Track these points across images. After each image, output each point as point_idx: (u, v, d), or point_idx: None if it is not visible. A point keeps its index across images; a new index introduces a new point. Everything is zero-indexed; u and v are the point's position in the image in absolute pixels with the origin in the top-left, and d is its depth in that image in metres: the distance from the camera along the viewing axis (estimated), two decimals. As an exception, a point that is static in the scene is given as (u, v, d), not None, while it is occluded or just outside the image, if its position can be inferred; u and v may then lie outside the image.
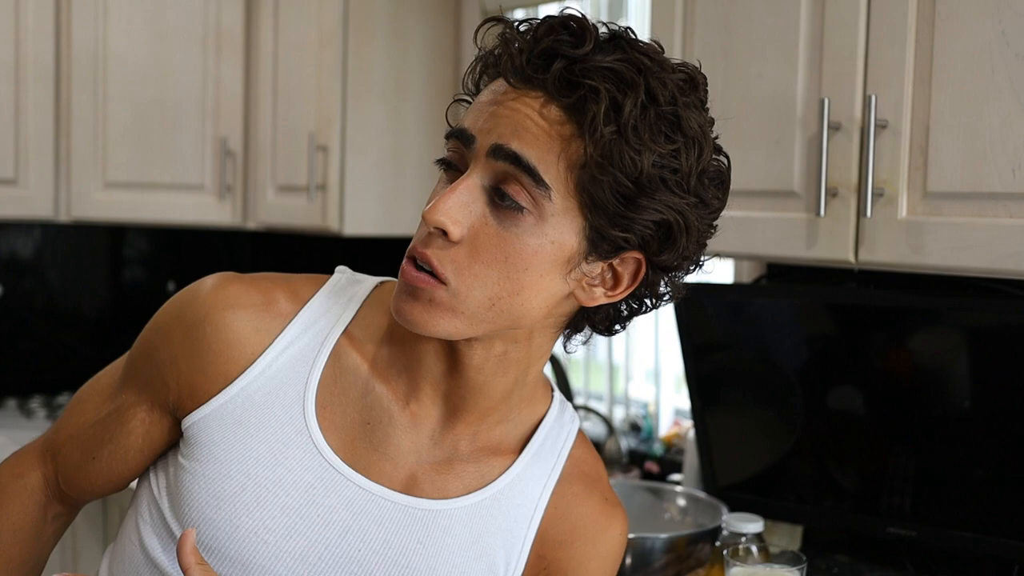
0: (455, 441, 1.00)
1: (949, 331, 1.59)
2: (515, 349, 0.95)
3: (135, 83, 2.75)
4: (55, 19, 2.74)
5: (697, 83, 0.93)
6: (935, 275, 1.39)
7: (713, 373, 1.83)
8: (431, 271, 0.88)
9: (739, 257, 1.81)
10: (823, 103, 1.42)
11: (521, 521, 1.03)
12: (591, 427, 2.41)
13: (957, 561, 1.68)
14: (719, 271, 2.12)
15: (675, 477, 2.08)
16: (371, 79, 2.50)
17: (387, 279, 1.05)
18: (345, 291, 1.02)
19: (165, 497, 1.00)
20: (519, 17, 2.16)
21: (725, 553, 1.42)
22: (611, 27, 0.90)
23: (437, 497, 0.99)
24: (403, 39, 2.54)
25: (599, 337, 1.05)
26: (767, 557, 1.49)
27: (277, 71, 2.66)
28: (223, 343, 0.97)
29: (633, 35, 0.90)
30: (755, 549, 1.48)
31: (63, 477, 1.08)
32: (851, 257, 1.43)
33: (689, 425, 1.99)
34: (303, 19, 2.58)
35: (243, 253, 3.44)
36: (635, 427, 2.36)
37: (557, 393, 1.09)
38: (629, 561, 1.63)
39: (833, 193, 1.43)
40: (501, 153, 0.86)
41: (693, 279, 1.04)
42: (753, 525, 1.49)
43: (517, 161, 0.86)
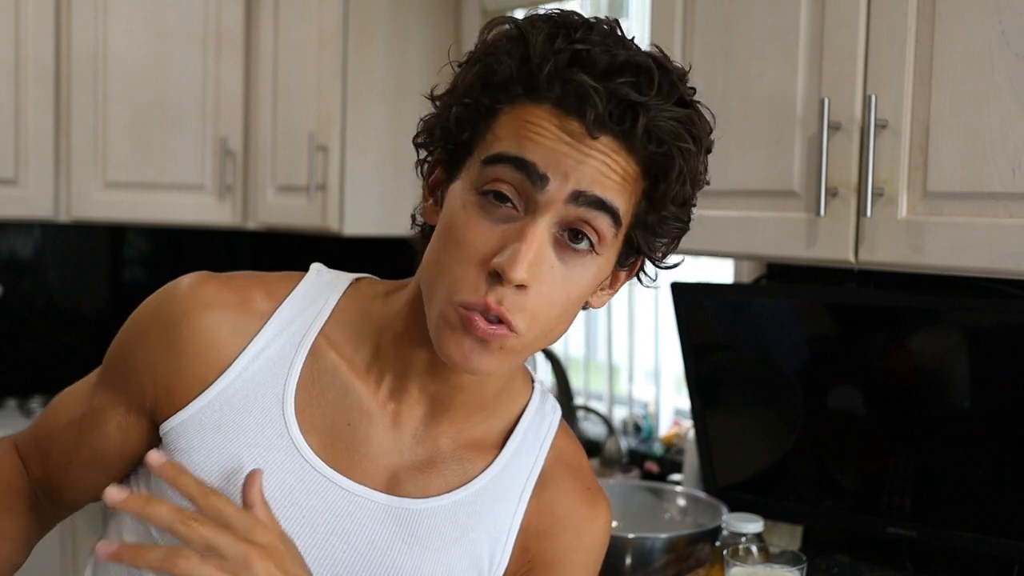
0: (437, 439, 1.00)
1: (949, 331, 1.59)
2: None
3: (135, 83, 2.75)
4: (55, 19, 2.74)
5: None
6: (935, 275, 1.39)
7: (713, 373, 1.83)
8: (500, 319, 0.86)
9: (739, 257, 1.81)
10: (823, 103, 1.42)
11: (505, 515, 1.03)
12: (591, 427, 2.41)
13: (957, 561, 1.68)
14: (719, 271, 2.12)
15: (675, 477, 2.08)
16: (371, 79, 2.50)
17: (362, 276, 1.04)
18: (321, 289, 1.01)
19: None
20: (518, 17, 2.16)
21: (725, 553, 1.42)
22: (652, 53, 0.89)
23: (420, 496, 0.99)
24: (403, 39, 2.54)
25: (599, 337, 1.05)
26: (767, 557, 1.49)
27: (277, 71, 2.66)
28: (200, 344, 0.96)
29: (661, 52, 0.90)
30: (755, 549, 1.48)
31: (46, 481, 1.07)
32: (851, 257, 1.43)
33: (689, 425, 1.99)
34: (303, 19, 2.58)
35: (243, 253, 3.44)
36: (635, 427, 2.36)
37: (538, 383, 1.09)
38: (629, 561, 1.63)
39: (833, 193, 1.43)
40: (584, 199, 0.86)
41: (694, 279, 1.04)
42: (753, 525, 1.49)
43: (603, 207, 0.87)
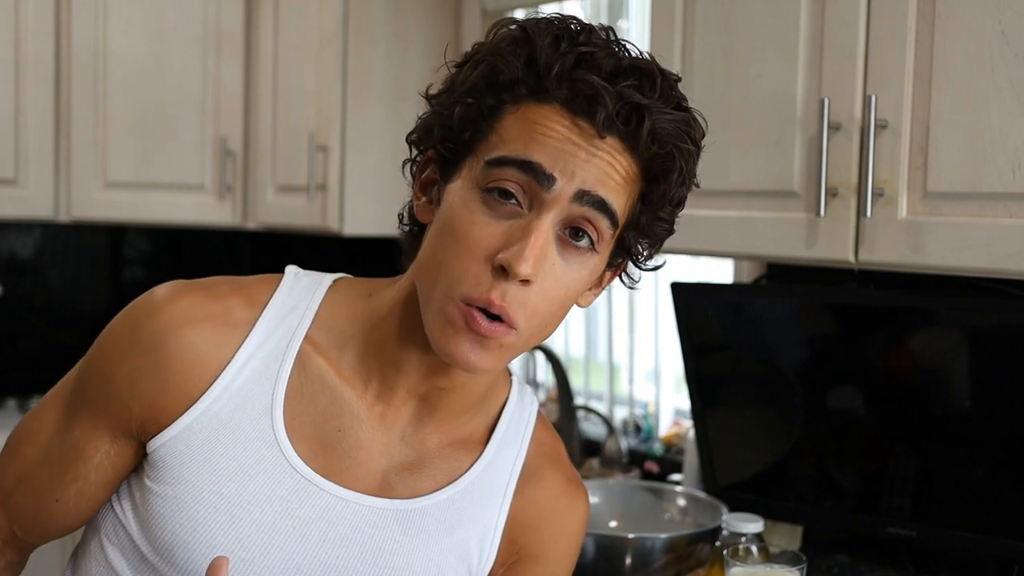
0: (425, 439, 1.01)
1: (949, 331, 1.59)
2: None
3: (135, 83, 2.75)
4: (55, 19, 2.74)
5: None
6: (935, 275, 1.39)
7: (713, 373, 1.83)
8: (500, 317, 0.87)
9: (739, 257, 1.81)
10: (823, 103, 1.42)
11: (491, 509, 1.04)
12: (591, 427, 2.41)
13: (957, 561, 1.68)
14: (719, 271, 2.12)
15: (675, 477, 2.08)
16: (371, 79, 2.50)
17: (341, 276, 1.04)
18: (301, 294, 1.00)
19: (133, 521, 0.97)
20: (519, 16, 2.17)
21: (725, 553, 1.42)
22: (643, 55, 0.93)
23: (410, 496, 1.00)
24: (403, 39, 2.54)
25: (599, 337, 1.06)
26: (767, 557, 1.49)
27: (277, 71, 2.66)
28: (185, 362, 0.94)
29: (651, 57, 0.93)
30: (755, 549, 1.48)
31: (19, 525, 1.03)
32: (851, 257, 1.43)
33: (689, 425, 1.99)
34: (303, 19, 2.58)
35: (243, 253, 3.44)
36: (635, 427, 2.36)
37: (515, 375, 1.10)
38: (629, 561, 1.63)
39: (833, 193, 1.43)
40: (588, 199, 0.88)
41: (694, 279, 1.06)
42: (753, 525, 1.49)
43: (603, 208, 0.88)
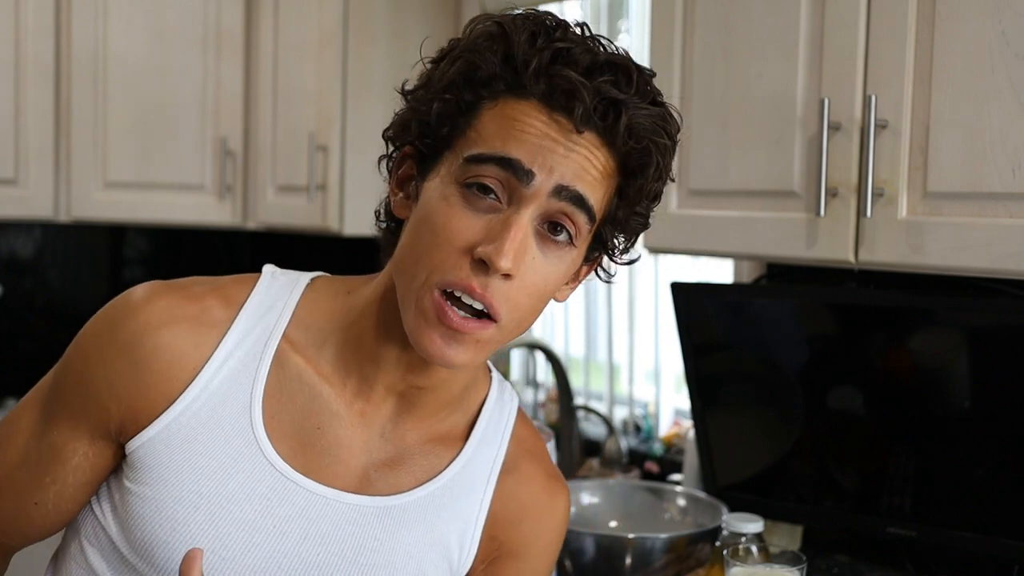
0: (405, 435, 1.01)
1: (949, 331, 1.59)
2: None
3: (135, 83, 2.75)
4: (55, 19, 2.74)
5: None
6: (935, 275, 1.39)
7: (713, 373, 1.83)
8: (482, 310, 0.88)
9: (739, 257, 1.81)
10: (823, 103, 1.42)
11: (472, 506, 1.04)
12: (591, 427, 2.41)
13: (957, 561, 1.68)
14: (719, 271, 2.12)
15: (675, 477, 2.08)
16: (371, 79, 2.49)
17: (319, 274, 1.04)
18: (278, 292, 1.00)
19: (112, 522, 0.97)
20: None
21: (725, 553, 1.42)
22: (616, 49, 0.93)
23: (390, 493, 1.00)
24: (403, 39, 2.54)
25: (599, 337, 1.07)
26: (767, 557, 1.49)
27: (277, 71, 2.66)
28: (163, 363, 0.94)
29: (626, 52, 0.94)
30: (755, 549, 1.48)
31: None
32: (851, 257, 1.43)
33: (689, 425, 1.99)
34: (303, 19, 2.58)
35: (243, 253, 3.44)
36: (636, 427, 2.36)
37: (495, 372, 1.10)
38: (629, 561, 1.63)
39: (833, 193, 1.43)
40: (566, 194, 0.89)
41: (694, 279, 1.06)
42: (753, 525, 1.49)
43: (581, 203, 0.89)
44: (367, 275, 1.02)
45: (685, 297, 1.79)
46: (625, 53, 0.92)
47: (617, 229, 0.95)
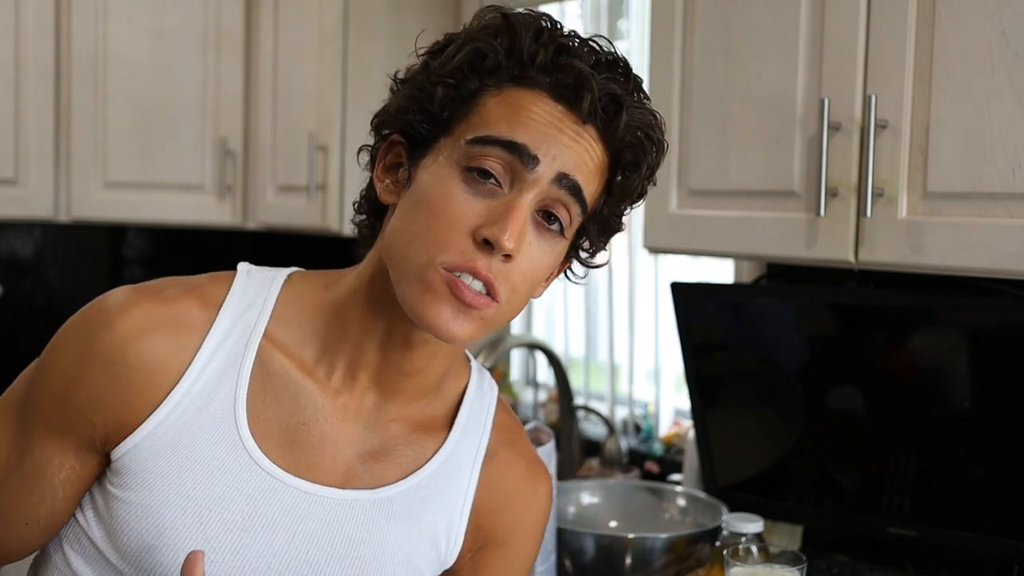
0: (388, 426, 1.01)
1: (949, 331, 1.59)
2: None
3: (135, 83, 2.75)
4: (55, 19, 2.74)
5: None
6: (935, 275, 1.39)
7: (713, 373, 1.83)
8: (486, 287, 0.89)
9: (739, 257, 1.81)
10: (823, 103, 1.42)
11: (457, 495, 1.05)
12: (591, 427, 2.41)
13: (957, 561, 1.68)
14: (719, 271, 2.12)
15: (675, 477, 2.08)
16: (371, 79, 2.49)
17: (295, 270, 1.04)
18: (256, 291, 0.99)
19: (96, 528, 0.97)
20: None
21: (725, 553, 1.42)
22: (614, 51, 0.96)
23: (376, 486, 1.00)
24: (403, 39, 2.53)
25: (600, 337, 1.09)
26: (767, 557, 1.49)
27: (277, 71, 2.66)
28: (145, 371, 0.94)
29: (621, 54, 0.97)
30: (755, 549, 1.48)
31: None
32: (851, 257, 1.43)
33: (689, 425, 1.99)
34: (303, 19, 2.58)
35: (243, 253, 3.44)
36: (636, 427, 2.36)
37: (474, 361, 1.11)
38: (629, 561, 1.63)
39: (833, 193, 1.43)
40: (566, 183, 0.91)
41: (694, 279, 1.08)
42: (753, 525, 1.49)
43: (578, 193, 0.92)
44: (344, 269, 1.02)
45: (685, 297, 1.79)
46: (621, 55, 0.96)
47: (599, 226, 0.98)
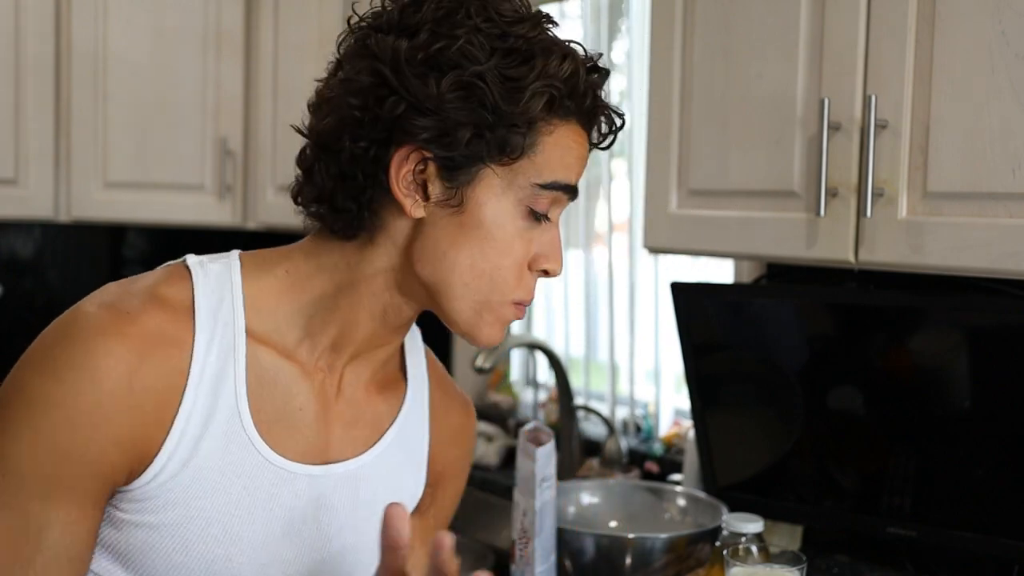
0: (360, 394, 1.06)
1: (949, 331, 1.59)
2: None
3: (135, 83, 2.75)
4: (55, 19, 2.74)
5: None
6: (935, 275, 1.39)
7: (713, 373, 1.83)
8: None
9: (739, 257, 1.81)
10: (823, 103, 1.42)
11: (418, 443, 1.12)
12: (591, 427, 2.41)
13: (957, 561, 1.68)
14: (719, 271, 2.12)
15: (675, 477, 2.08)
16: (371, 79, 2.49)
17: (239, 253, 1.03)
18: (217, 283, 0.98)
19: (104, 558, 0.96)
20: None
21: (725, 553, 1.42)
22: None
23: (362, 451, 1.05)
24: (403, 39, 2.53)
25: (600, 337, 1.16)
26: (767, 557, 1.49)
27: (277, 71, 2.66)
28: (153, 396, 0.92)
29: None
30: (755, 549, 1.47)
31: None
32: (851, 257, 1.43)
33: (689, 425, 1.99)
34: (303, 19, 2.58)
35: (243, 253, 3.44)
36: (636, 427, 2.36)
37: None
38: (629, 561, 1.63)
39: (833, 193, 1.43)
40: (574, 196, 1.01)
41: (694, 279, 1.15)
42: (753, 525, 1.49)
43: (575, 199, 1.02)
44: (288, 247, 1.05)
45: (685, 297, 1.79)
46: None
47: None
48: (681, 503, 1.87)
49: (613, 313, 2.41)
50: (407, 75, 0.92)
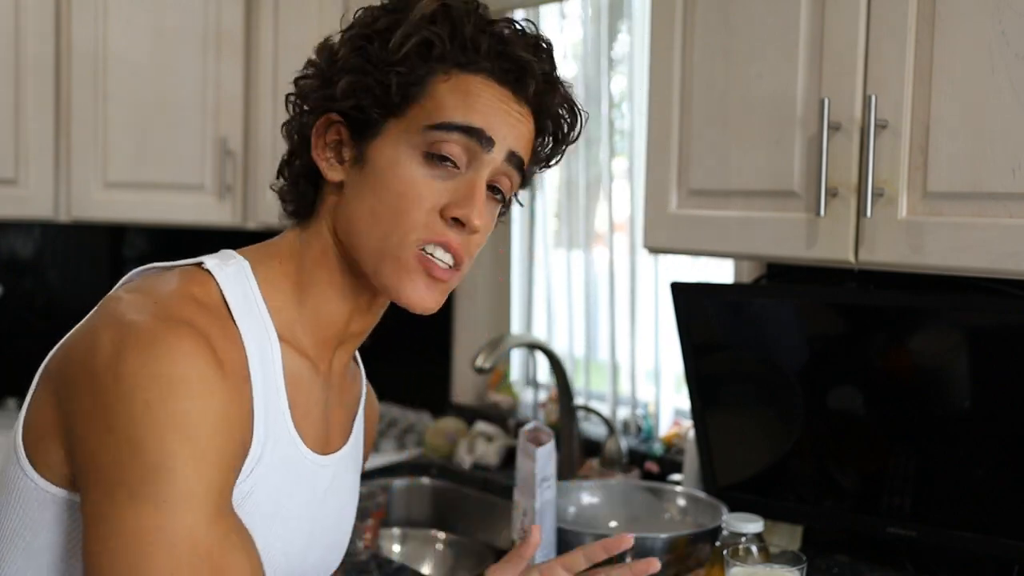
0: (339, 382, 1.11)
1: (949, 331, 1.59)
2: None
3: (135, 83, 2.75)
4: (55, 19, 2.74)
5: None
6: (935, 275, 1.39)
7: (713, 373, 1.83)
8: (455, 259, 0.99)
9: (739, 257, 1.81)
10: (823, 103, 1.42)
11: (360, 418, 1.18)
12: (591, 427, 2.41)
13: (957, 561, 1.68)
14: (719, 271, 2.12)
15: (675, 477, 2.08)
16: (371, 79, 2.49)
17: (243, 252, 1.05)
18: (236, 280, 0.99)
19: None
20: (518, 17, 2.16)
21: (725, 553, 1.42)
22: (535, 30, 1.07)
23: (348, 436, 1.13)
24: (403, 39, 2.53)
25: (600, 337, 1.16)
26: (767, 557, 1.49)
27: (277, 71, 2.66)
28: (240, 400, 0.92)
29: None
30: (755, 549, 1.47)
31: None
32: (851, 257, 1.43)
33: (689, 425, 1.99)
34: (303, 19, 2.58)
35: (243, 253, 3.44)
36: (636, 427, 2.36)
37: None
38: (629, 561, 1.62)
39: (833, 193, 1.43)
40: (515, 160, 1.00)
41: (694, 279, 1.12)
42: (753, 525, 1.49)
43: (521, 167, 1.02)
44: (272, 241, 1.07)
45: (685, 297, 1.79)
46: (544, 36, 1.04)
47: (520, 185, 1.06)
48: (681, 503, 1.87)
49: (613, 313, 2.41)
50: (325, 55, 1.03)
